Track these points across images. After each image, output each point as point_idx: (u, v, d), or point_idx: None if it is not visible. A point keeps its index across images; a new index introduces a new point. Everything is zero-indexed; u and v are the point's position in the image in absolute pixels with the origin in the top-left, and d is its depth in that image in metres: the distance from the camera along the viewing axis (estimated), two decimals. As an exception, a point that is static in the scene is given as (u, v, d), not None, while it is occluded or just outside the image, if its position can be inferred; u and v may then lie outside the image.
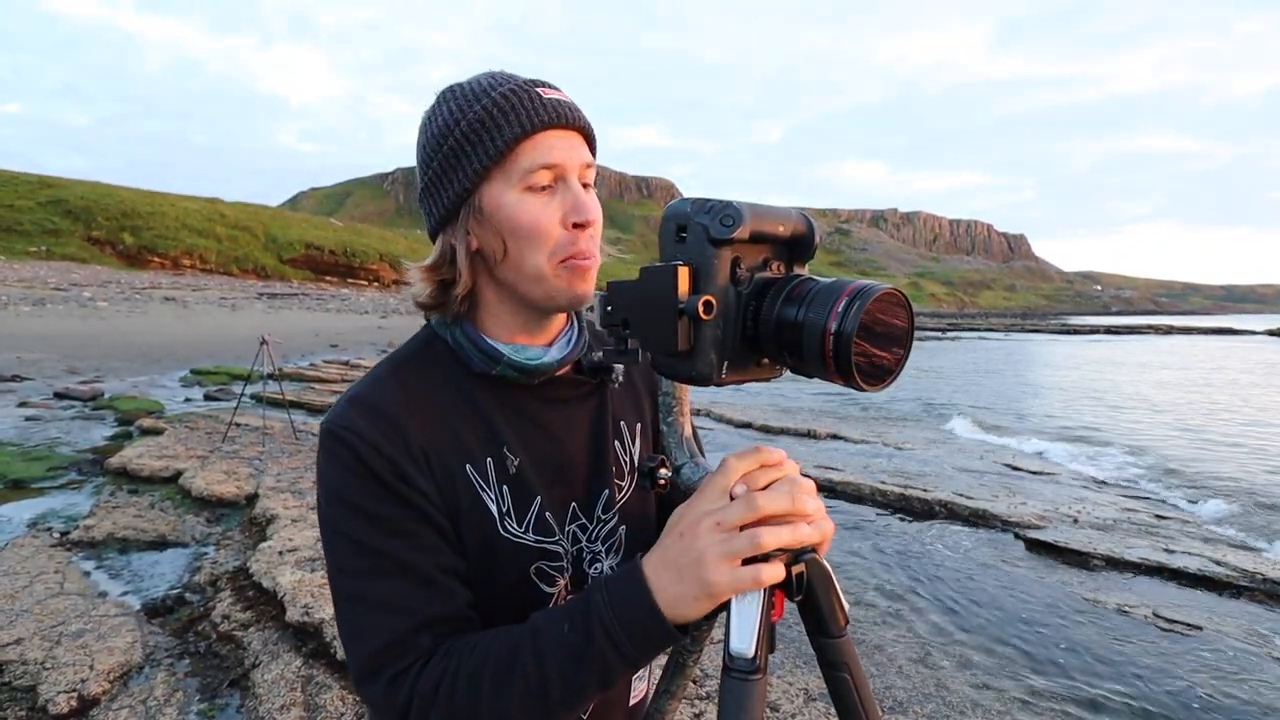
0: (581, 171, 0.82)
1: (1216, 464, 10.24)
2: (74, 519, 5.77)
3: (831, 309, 0.61)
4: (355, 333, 30.67)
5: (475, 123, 0.79)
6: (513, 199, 0.80)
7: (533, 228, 0.80)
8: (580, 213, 0.80)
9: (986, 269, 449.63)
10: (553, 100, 0.81)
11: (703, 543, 0.67)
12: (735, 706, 0.67)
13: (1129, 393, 19.61)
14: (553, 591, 0.87)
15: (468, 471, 0.83)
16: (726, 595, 0.67)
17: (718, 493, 0.69)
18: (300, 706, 3.13)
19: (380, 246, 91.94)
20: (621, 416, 0.98)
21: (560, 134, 0.81)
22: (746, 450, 0.70)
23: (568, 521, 0.89)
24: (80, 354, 17.28)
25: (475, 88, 0.82)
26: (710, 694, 3.28)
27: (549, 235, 0.80)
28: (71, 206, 70.18)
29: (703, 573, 0.67)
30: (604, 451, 0.94)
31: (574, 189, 0.81)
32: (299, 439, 8.61)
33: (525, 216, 0.80)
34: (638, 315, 0.69)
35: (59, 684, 3.23)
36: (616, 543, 0.94)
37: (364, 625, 0.76)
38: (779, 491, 0.68)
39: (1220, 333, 66.35)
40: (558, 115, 0.80)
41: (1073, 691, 3.86)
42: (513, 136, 0.78)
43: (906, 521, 6.89)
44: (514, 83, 0.81)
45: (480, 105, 0.80)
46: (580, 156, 0.82)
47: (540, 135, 0.79)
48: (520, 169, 0.79)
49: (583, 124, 0.83)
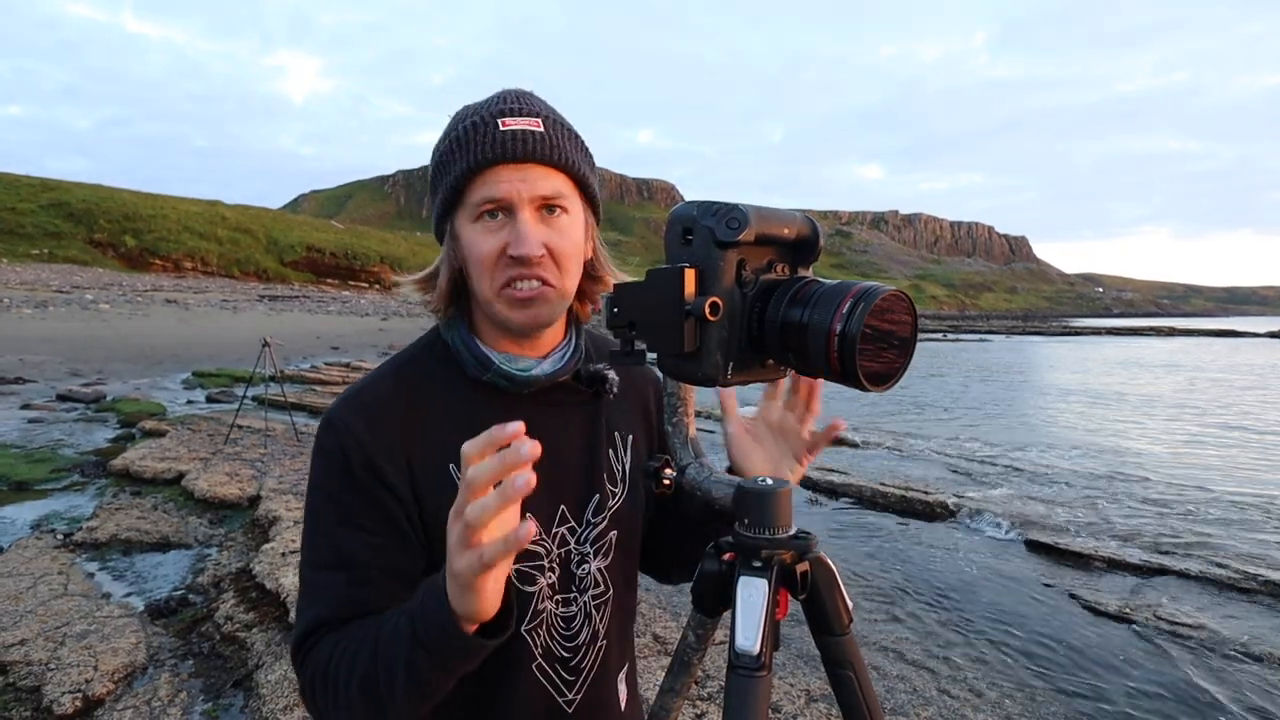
0: (537, 202, 0.84)
1: (1218, 464, 10.23)
2: (77, 521, 5.79)
3: (836, 311, 0.62)
4: (356, 335, 30.70)
5: (444, 155, 0.85)
6: (467, 229, 0.85)
7: (475, 259, 0.85)
8: (517, 245, 0.82)
9: (988, 271, 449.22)
10: (509, 133, 0.82)
11: (449, 538, 0.65)
12: (741, 703, 0.68)
13: (1133, 392, 19.60)
14: (532, 590, 0.89)
15: (450, 470, 0.86)
16: (475, 580, 0.63)
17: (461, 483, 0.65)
18: (303, 707, 3.14)
19: (381, 249, 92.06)
20: (616, 426, 1.00)
21: (510, 168, 0.82)
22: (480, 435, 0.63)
23: (555, 524, 0.92)
24: (82, 356, 17.31)
25: (456, 117, 0.87)
26: (712, 695, 3.29)
27: (487, 264, 0.84)
28: (73, 209, 70.34)
29: (450, 563, 0.65)
30: (596, 458, 0.96)
31: (519, 222, 0.83)
32: (301, 441, 8.62)
33: (472, 248, 0.85)
34: (644, 317, 0.70)
35: (63, 685, 3.24)
36: (606, 546, 0.96)
37: (301, 609, 0.83)
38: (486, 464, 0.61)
39: (1222, 335, 66.25)
40: (507, 150, 0.82)
41: (1074, 693, 3.86)
42: (462, 172, 0.83)
43: (907, 523, 6.89)
44: (482, 113, 0.84)
45: (448, 140, 0.85)
46: (533, 189, 0.83)
47: (489, 171, 0.82)
48: (471, 202, 0.84)
49: (541, 155, 0.83)
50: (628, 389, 1.02)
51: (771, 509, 0.74)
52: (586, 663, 0.95)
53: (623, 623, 1.01)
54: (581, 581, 0.94)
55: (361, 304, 55.41)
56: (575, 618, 0.94)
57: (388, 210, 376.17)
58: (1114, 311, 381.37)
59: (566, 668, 0.94)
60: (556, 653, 0.93)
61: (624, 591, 1.00)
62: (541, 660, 0.92)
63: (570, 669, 0.94)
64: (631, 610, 1.04)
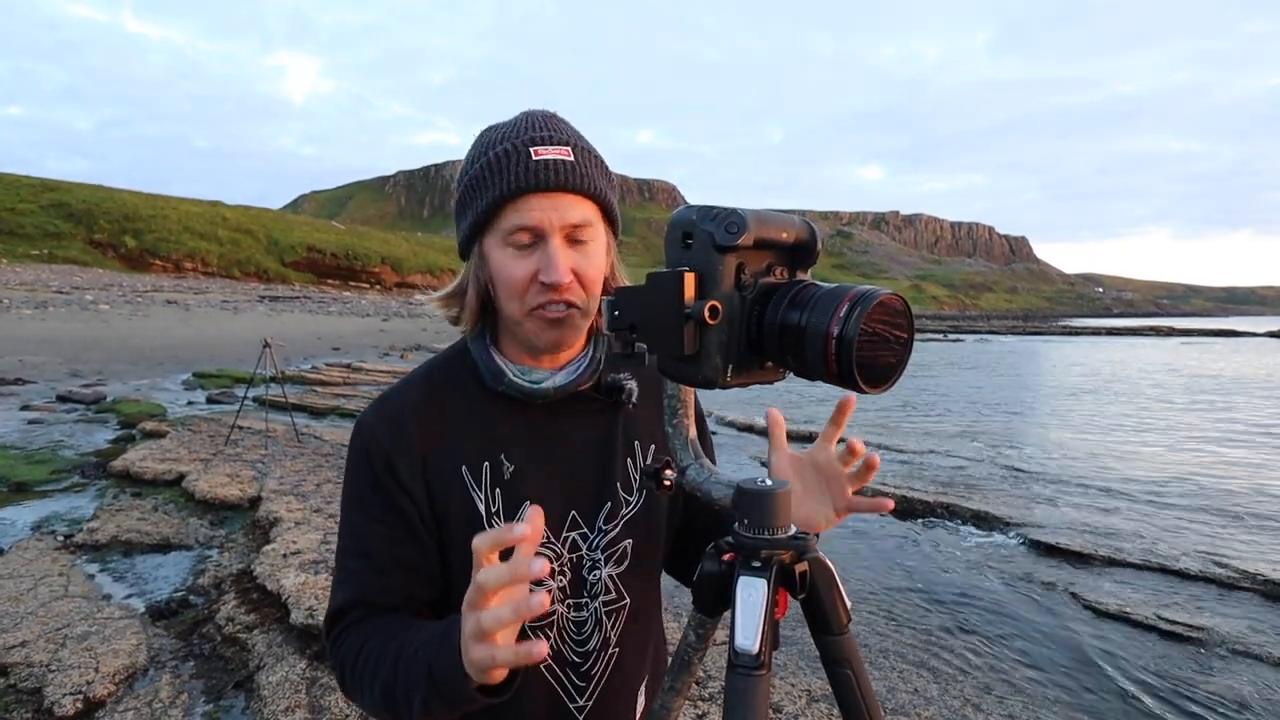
0: (569, 230, 0.87)
1: (1218, 465, 10.24)
2: (78, 522, 5.79)
3: (834, 314, 0.62)
4: (357, 335, 30.71)
5: (475, 179, 0.88)
6: (497, 253, 0.88)
7: (507, 282, 0.88)
8: (548, 273, 0.85)
9: (988, 271, 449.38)
10: (542, 162, 0.85)
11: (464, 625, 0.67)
12: (740, 701, 0.69)
13: (1133, 393, 19.61)
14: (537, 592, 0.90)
15: (462, 472, 0.92)
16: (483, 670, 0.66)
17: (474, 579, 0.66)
18: (305, 709, 3.14)
19: (382, 250, 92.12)
20: (636, 436, 1.01)
21: (543, 197, 0.85)
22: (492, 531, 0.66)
23: (565, 529, 0.94)
24: (82, 357, 17.32)
25: (489, 139, 0.89)
26: (713, 695, 3.29)
27: (519, 289, 0.88)
28: (73, 210, 70.39)
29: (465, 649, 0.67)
30: (611, 466, 0.98)
31: (550, 249, 0.86)
32: (302, 442, 8.63)
33: (503, 271, 0.88)
34: (645, 320, 0.71)
35: (64, 686, 3.25)
36: (619, 553, 0.97)
37: (332, 592, 0.93)
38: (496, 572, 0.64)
39: (1222, 334, 66.24)
40: (540, 180, 0.85)
41: (1074, 692, 3.87)
42: (496, 199, 0.86)
43: (908, 523, 6.90)
44: (513, 140, 0.87)
45: (480, 163, 0.88)
46: (564, 217, 0.86)
47: (522, 199, 0.85)
48: (503, 228, 0.87)
49: (572, 185, 0.86)
50: (653, 398, 1.01)
51: (770, 509, 0.74)
52: (597, 669, 0.96)
53: (641, 632, 1.01)
54: (593, 587, 0.96)
55: (362, 304, 55.44)
56: (586, 623, 0.95)
57: (388, 211, 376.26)
58: (1114, 311, 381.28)
59: (577, 673, 0.95)
60: (567, 657, 0.94)
61: (640, 600, 1.00)
62: (552, 663, 0.94)
63: (581, 674, 0.95)
64: (652, 621, 1.04)
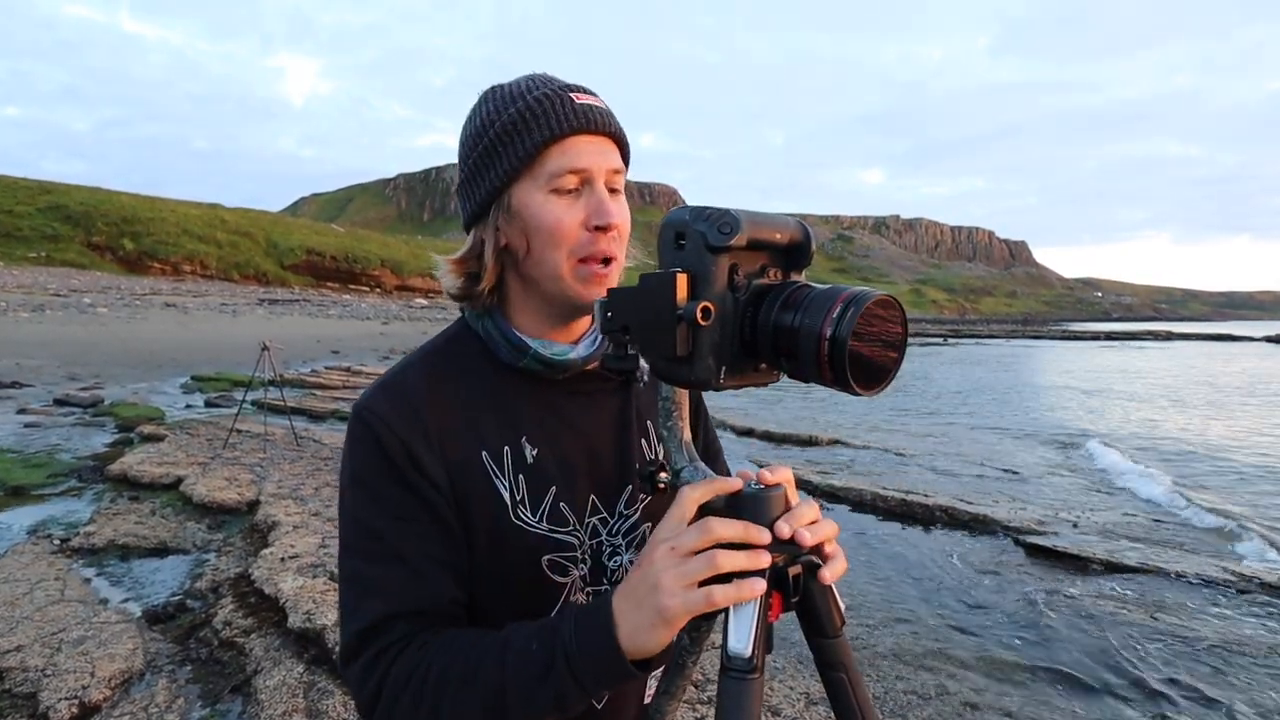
0: (609, 177, 0.85)
1: (1218, 465, 10.24)
2: (74, 526, 5.77)
3: (827, 315, 0.62)
4: (357, 339, 30.70)
5: (509, 124, 0.83)
6: (539, 199, 0.83)
7: (555, 228, 0.83)
8: (601, 216, 0.83)
9: (988, 275, 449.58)
10: (584, 106, 0.83)
11: (658, 568, 0.67)
12: (733, 705, 0.68)
13: (1132, 392, 19.63)
14: (565, 581, 0.88)
15: (483, 458, 0.85)
16: (681, 619, 0.67)
17: (674, 522, 0.70)
18: (302, 713, 3.13)
19: (382, 252, 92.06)
20: (649, 416, 0.99)
21: (589, 139, 0.83)
22: (700, 481, 0.71)
23: (587, 514, 0.91)
24: (80, 360, 17.30)
25: (514, 90, 0.85)
26: (711, 699, 3.28)
27: (569, 236, 0.83)
28: (71, 212, 70.32)
29: (658, 598, 0.67)
30: (628, 447, 0.95)
31: (599, 193, 0.84)
32: (300, 445, 8.62)
33: (549, 217, 0.83)
34: (637, 321, 0.70)
35: (60, 691, 3.23)
36: (638, 538, 0.95)
37: (354, 607, 0.79)
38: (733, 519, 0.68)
39: (1220, 339, 66.33)
40: (588, 121, 0.83)
41: (1071, 695, 3.86)
42: (542, 140, 0.82)
43: (907, 527, 6.89)
44: (550, 86, 0.84)
45: (515, 108, 0.83)
46: (608, 162, 0.85)
47: (569, 140, 0.82)
48: (547, 172, 0.82)
49: (614, 130, 0.86)
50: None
51: (763, 513, 0.74)
52: None
53: None
54: (613, 574, 0.93)
55: (362, 308, 55.41)
56: None
57: (389, 214, 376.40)
58: (1113, 316, 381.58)
59: None
60: None
61: None
62: None
63: None
64: None
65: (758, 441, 11.29)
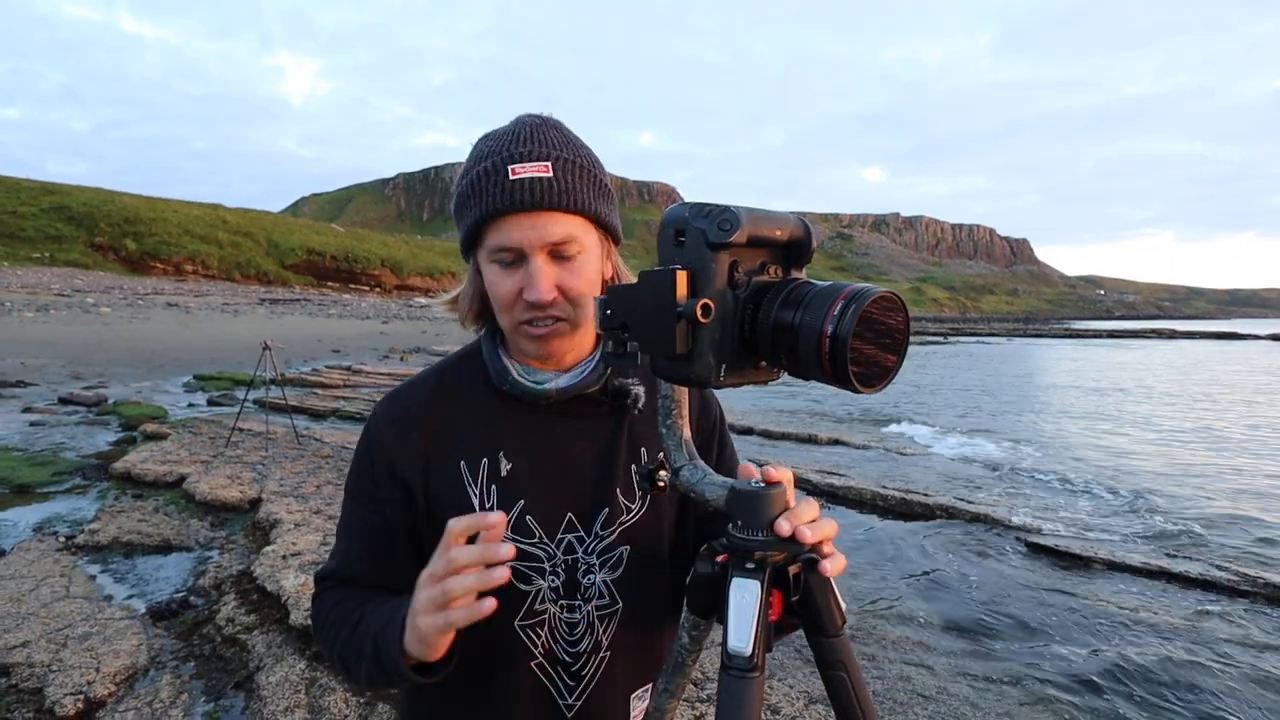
0: (551, 247, 0.87)
1: (1218, 467, 10.22)
2: (79, 523, 5.79)
3: (827, 312, 0.62)
4: (357, 338, 30.71)
5: (461, 197, 0.90)
6: (486, 268, 0.91)
7: (496, 295, 0.91)
8: (529, 293, 0.87)
9: (989, 273, 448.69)
10: (518, 182, 0.85)
11: (418, 594, 0.76)
12: (733, 703, 0.68)
13: (1131, 393, 19.58)
14: (528, 590, 0.93)
15: (460, 467, 0.94)
16: (433, 637, 0.75)
17: (438, 550, 0.76)
18: (304, 709, 3.14)
19: (382, 252, 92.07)
20: (644, 442, 1.01)
21: (519, 218, 0.86)
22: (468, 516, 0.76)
23: (561, 530, 0.95)
24: (84, 360, 17.33)
25: (475, 154, 0.91)
26: (711, 697, 3.28)
27: (507, 304, 0.90)
28: (74, 213, 70.40)
29: (414, 619, 0.76)
30: (612, 470, 0.97)
31: (532, 268, 0.87)
32: (301, 444, 8.63)
33: (491, 284, 0.91)
34: (637, 318, 0.70)
35: (65, 686, 3.25)
36: (615, 559, 0.97)
37: (327, 559, 1.01)
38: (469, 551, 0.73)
39: (1224, 337, 66.11)
40: (516, 201, 0.85)
41: (1073, 694, 3.86)
42: (475, 220, 0.88)
43: (908, 525, 6.88)
44: (494, 158, 0.87)
45: (466, 180, 0.89)
46: (544, 236, 0.87)
47: (501, 220, 0.87)
48: (488, 245, 0.89)
49: (553, 202, 0.86)
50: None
51: (764, 511, 0.74)
52: (588, 671, 0.97)
53: (637, 639, 1.00)
54: (586, 591, 0.96)
55: (362, 307, 55.44)
56: (579, 625, 0.96)
57: (388, 213, 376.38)
58: (1115, 314, 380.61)
59: (568, 672, 0.96)
60: (559, 656, 0.95)
61: (636, 607, 0.99)
62: (543, 660, 0.95)
63: (571, 674, 0.96)
64: (651, 628, 1.01)
65: (756, 440, 11.28)
